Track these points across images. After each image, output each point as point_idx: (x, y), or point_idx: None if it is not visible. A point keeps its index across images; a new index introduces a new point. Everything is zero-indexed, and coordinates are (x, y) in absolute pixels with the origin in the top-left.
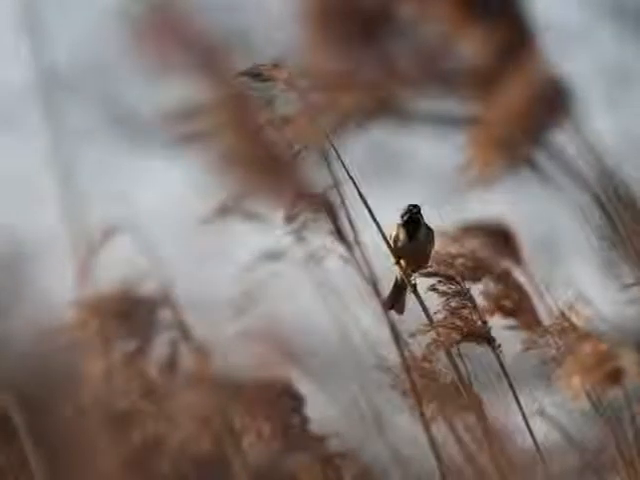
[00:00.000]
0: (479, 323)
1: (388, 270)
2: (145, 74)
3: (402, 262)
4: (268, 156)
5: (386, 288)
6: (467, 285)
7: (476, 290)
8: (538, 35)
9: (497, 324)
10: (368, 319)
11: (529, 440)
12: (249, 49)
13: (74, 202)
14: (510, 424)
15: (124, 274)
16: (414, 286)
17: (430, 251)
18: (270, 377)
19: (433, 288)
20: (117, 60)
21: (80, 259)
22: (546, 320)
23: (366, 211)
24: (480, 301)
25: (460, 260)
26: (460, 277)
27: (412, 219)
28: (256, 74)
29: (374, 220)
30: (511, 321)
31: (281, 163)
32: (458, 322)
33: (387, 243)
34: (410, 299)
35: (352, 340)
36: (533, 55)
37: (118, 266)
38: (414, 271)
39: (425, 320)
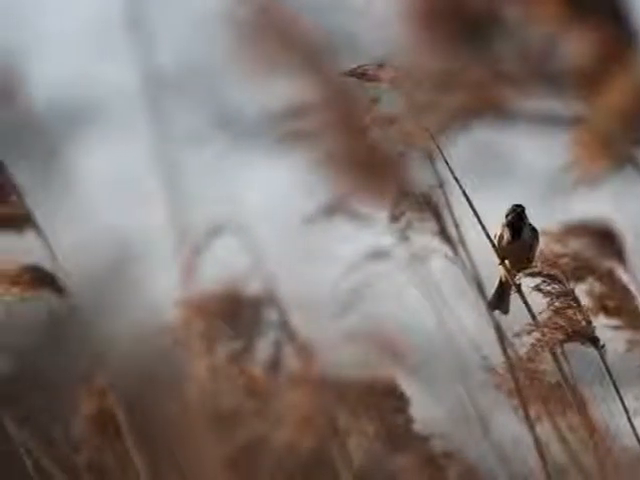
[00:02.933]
0: (583, 323)
1: (493, 270)
2: (250, 75)
3: (506, 262)
4: (373, 156)
5: (490, 288)
6: (571, 285)
7: (580, 290)
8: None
9: (601, 324)
10: (472, 319)
11: (633, 440)
12: (354, 49)
13: (180, 203)
14: (614, 424)
15: (229, 274)
16: (518, 286)
17: (534, 251)
18: (375, 377)
19: (538, 288)
20: (222, 61)
21: (185, 259)
22: None
23: (470, 211)
24: (584, 301)
25: (564, 260)
26: (564, 277)
27: (516, 219)
28: (361, 74)
29: (478, 220)
30: (615, 321)
31: (386, 163)
32: (562, 322)
33: (492, 243)
34: (514, 299)
35: (456, 340)
36: (637, 54)
37: (223, 266)
38: (518, 271)
39: (529, 320)
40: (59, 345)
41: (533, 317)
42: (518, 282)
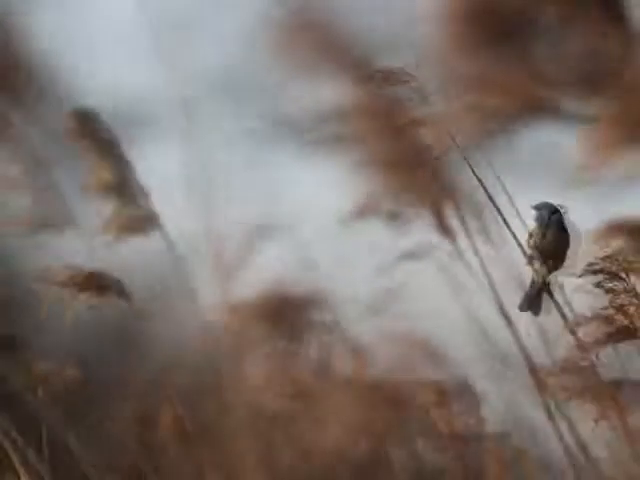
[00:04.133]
0: None
1: (528, 270)
2: (291, 77)
3: (536, 262)
4: (411, 157)
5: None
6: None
7: None
8: None
9: None
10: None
11: None
12: (390, 51)
13: (224, 203)
14: None
15: (276, 275)
16: (548, 285)
17: (565, 250)
18: (447, 377)
19: (599, 285)
20: (264, 64)
21: (231, 261)
22: None
23: (513, 211)
24: None
25: (624, 257)
26: (625, 274)
27: (545, 217)
28: (397, 77)
29: (520, 219)
30: None
31: (424, 164)
32: (623, 319)
33: (517, 242)
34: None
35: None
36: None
37: (270, 267)
38: (550, 271)
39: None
40: (127, 353)
41: (564, 317)
42: (549, 281)
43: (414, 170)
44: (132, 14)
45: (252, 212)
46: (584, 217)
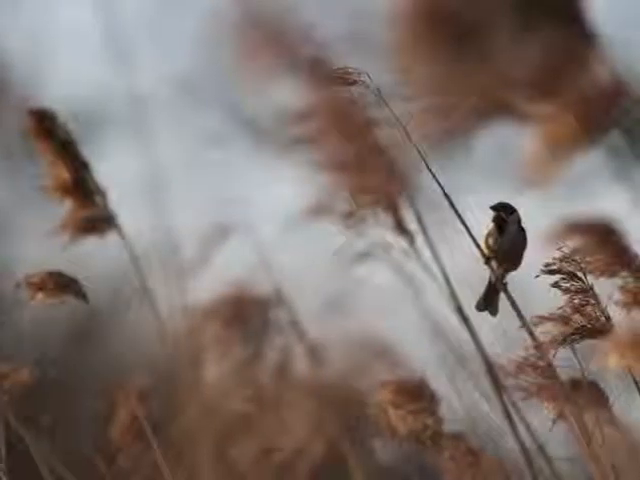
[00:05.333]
0: (602, 320)
1: (486, 270)
2: (250, 78)
3: (493, 262)
4: (368, 158)
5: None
6: (599, 280)
7: (613, 285)
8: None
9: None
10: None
11: None
12: (346, 51)
13: (181, 204)
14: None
15: (233, 276)
16: (505, 286)
17: (523, 250)
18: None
19: (556, 285)
20: (222, 62)
21: (188, 261)
22: None
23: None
24: (618, 296)
25: (581, 257)
26: (582, 274)
27: (502, 217)
28: (353, 77)
29: (462, 222)
30: None
31: (381, 165)
32: (580, 319)
33: (475, 243)
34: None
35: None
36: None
37: (231, 268)
38: (506, 271)
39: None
40: (83, 351)
41: (522, 318)
42: (505, 282)
43: (371, 170)
44: (90, 14)
45: (209, 212)
46: (541, 217)
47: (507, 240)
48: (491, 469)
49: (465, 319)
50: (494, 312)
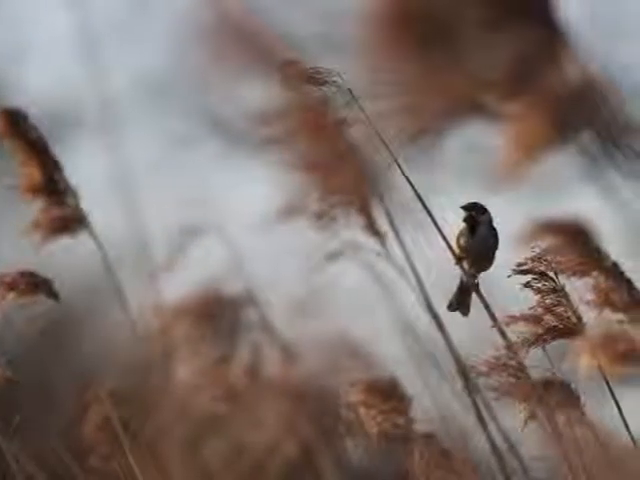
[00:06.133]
0: (574, 320)
1: (457, 270)
2: (218, 76)
3: (465, 263)
4: (339, 158)
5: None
6: (572, 280)
7: (584, 285)
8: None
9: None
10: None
11: (626, 437)
12: (318, 51)
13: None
14: (610, 421)
15: (204, 275)
16: (476, 286)
17: (494, 250)
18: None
19: (528, 285)
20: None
21: (160, 261)
22: None
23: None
24: (588, 296)
25: (553, 257)
26: (554, 274)
27: (473, 217)
28: (324, 77)
29: (434, 223)
30: (621, 316)
31: (353, 165)
32: (552, 319)
33: (446, 242)
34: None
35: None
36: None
37: (202, 268)
38: (478, 271)
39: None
40: (56, 352)
41: (493, 318)
42: (476, 282)
43: (342, 170)
44: (62, 15)
45: (181, 212)
46: (513, 217)
47: (478, 240)
48: (462, 469)
49: (437, 319)
50: (466, 312)
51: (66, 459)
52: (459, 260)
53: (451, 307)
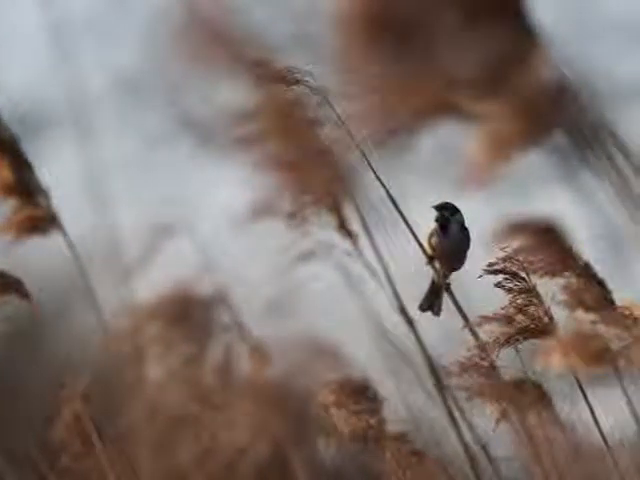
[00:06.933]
0: (545, 320)
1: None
2: (191, 76)
3: (436, 263)
4: (311, 158)
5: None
6: (542, 280)
7: (556, 285)
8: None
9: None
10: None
11: (598, 437)
12: (290, 50)
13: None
14: (580, 421)
15: (176, 275)
16: (448, 286)
17: (466, 250)
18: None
19: (500, 285)
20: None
21: (131, 261)
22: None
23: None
24: (560, 296)
25: (524, 257)
26: (525, 274)
27: (445, 216)
28: (296, 76)
29: (406, 223)
30: (593, 316)
31: (324, 165)
32: (523, 319)
33: (418, 242)
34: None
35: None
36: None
37: (173, 267)
38: (449, 271)
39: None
40: (27, 351)
41: (465, 318)
42: (448, 282)
43: (314, 170)
44: (33, 13)
45: (153, 212)
46: (485, 217)
47: (450, 240)
48: (434, 469)
49: (408, 319)
50: (437, 312)
51: (37, 458)
52: (431, 260)
53: (423, 307)
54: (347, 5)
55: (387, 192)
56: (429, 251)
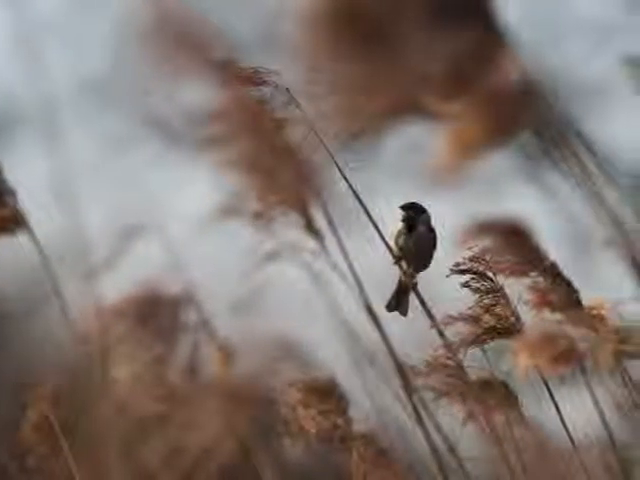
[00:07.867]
0: (512, 320)
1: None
2: (158, 77)
3: (403, 262)
4: (278, 158)
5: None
6: (508, 280)
7: (523, 285)
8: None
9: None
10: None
11: (565, 437)
12: (255, 51)
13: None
14: (547, 421)
15: (143, 275)
16: (415, 285)
17: (432, 250)
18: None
19: (466, 285)
20: (132, 63)
21: (98, 261)
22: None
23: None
24: (527, 296)
25: (491, 257)
26: (492, 274)
27: (411, 216)
28: (262, 77)
29: (372, 222)
30: (559, 316)
31: (291, 165)
32: (490, 319)
33: (385, 242)
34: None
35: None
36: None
37: (141, 268)
38: (416, 271)
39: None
40: None
41: (432, 319)
42: (415, 282)
43: (281, 170)
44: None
45: (120, 213)
46: (452, 217)
47: (417, 240)
48: (401, 470)
49: (375, 319)
50: (404, 312)
51: (4, 459)
52: (397, 260)
53: (390, 307)
54: (313, 4)
55: (354, 192)
56: (396, 251)
